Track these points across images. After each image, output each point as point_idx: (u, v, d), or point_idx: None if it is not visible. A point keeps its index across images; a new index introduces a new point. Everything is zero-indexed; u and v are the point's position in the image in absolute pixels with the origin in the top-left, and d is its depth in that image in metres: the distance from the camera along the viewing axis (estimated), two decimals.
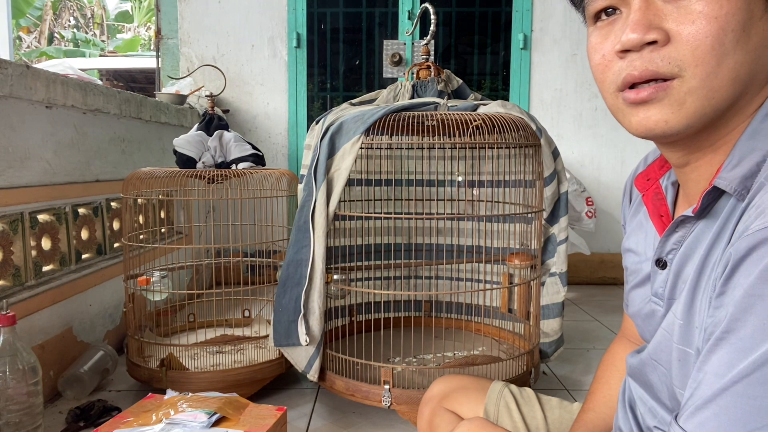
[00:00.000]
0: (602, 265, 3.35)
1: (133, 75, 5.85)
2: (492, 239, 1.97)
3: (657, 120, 0.53)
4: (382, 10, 3.52)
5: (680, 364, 0.56)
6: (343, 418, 1.61)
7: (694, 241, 0.56)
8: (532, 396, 0.97)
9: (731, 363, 0.45)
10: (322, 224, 1.49)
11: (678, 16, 0.50)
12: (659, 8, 0.51)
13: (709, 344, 0.47)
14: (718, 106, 0.52)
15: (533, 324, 1.71)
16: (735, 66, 0.50)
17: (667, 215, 0.64)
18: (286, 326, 1.53)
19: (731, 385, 0.45)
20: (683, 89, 0.51)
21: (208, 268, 2.78)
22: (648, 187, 0.66)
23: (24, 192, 1.61)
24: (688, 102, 0.51)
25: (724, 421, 0.45)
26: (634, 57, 0.53)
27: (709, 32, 0.49)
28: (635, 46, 0.52)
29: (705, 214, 0.55)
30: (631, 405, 0.69)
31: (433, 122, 1.56)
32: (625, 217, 0.76)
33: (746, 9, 0.50)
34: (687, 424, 0.48)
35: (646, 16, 0.52)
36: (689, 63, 0.50)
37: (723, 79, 0.50)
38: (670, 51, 0.51)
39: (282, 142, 3.32)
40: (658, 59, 0.51)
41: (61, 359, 1.72)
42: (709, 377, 0.47)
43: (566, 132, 3.30)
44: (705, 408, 0.47)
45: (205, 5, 3.24)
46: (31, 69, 1.60)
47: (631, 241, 0.71)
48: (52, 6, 9.78)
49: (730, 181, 0.51)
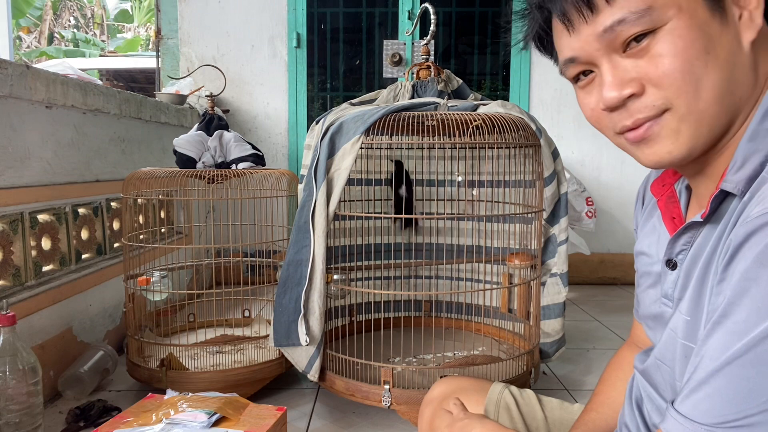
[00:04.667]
0: (602, 265, 3.35)
1: (133, 75, 5.84)
2: (492, 239, 1.97)
3: (662, 153, 0.57)
4: (382, 10, 3.51)
5: (685, 360, 0.56)
6: (343, 418, 1.61)
7: (702, 241, 0.57)
8: (533, 397, 0.97)
9: (726, 345, 0.46)
10: (323, 224, 1.49)
11: (644, 66, 0.54)
12: (625, 65, 0.56)
13: (707, 329, 0.48)
14: (711, 125, 0.55)
15: (533, 324, 1.71)
16: (713, 85, 0.53)
17: (680, 217, 0.65)
18: (287, 326, 1.53)
19: (724, 366, 0.46)
20: (675, 119, 0.55)
21: (208, 268, 2.77)
22: (663, 192, 0.68)
23: (24, 192, 1.61)
24: (683, 129, 0.55)
25: (717, 402, 0.46)
26: (620, 111, 0.57)
27: (676, 68, 0.53)
28: (617, 103, 0.57)
29: (713, 215, 0.57)
30: (638, 403, 0.69)
31: (433, 122, 1.56)
32: (638, 221, 0.78)
33: (702, 36, 0.53)
34: (681, 406, 0.49)
35: (616, 75, 0.56)
36: (671, 97, 0.54)
37: (707, 100, 0.53)
38: (650, 96, 0.55)
39: (282, 142, 3.32)
40: (641, 107, 0.56)
41: (61, 359, 1.72)
42: (705, 361, 0.48)
43: (566, 132, 3.30)
44: (699, 389, 0.48)
45: (205, 5, 3.24)
46: (31, 69, 1.60)
47: (643, 244, 0.72)
48: (52, 6, 9.78)
49: (736, 183, 0.53)
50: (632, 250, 0.76)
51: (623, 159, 3.28)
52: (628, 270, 3.30)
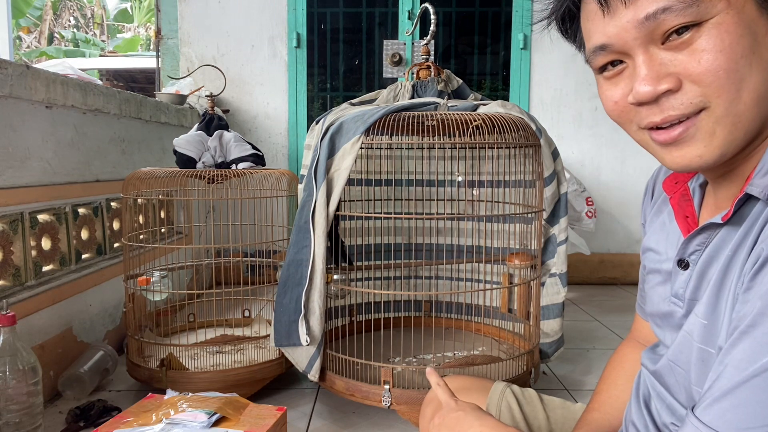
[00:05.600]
0: (602, 265, 3.34)
1: (133, 75, 5.84)
2: (492, 239, 1.97)
3: (692, 157, 0.54)
4: (382, 10, 3.51)
5: (702, 364, 0.56)
6: (343, 418, 1.61)
7: (720, 243, 0.56)
8: (534, 396, 0.97)
9: (753, 357, 0.45)
10: (323, 224, 1.49)
11: (684, 60, 0.51)
12: (663, 58, 0.52)
13: (733, 338, 0.47)
14: (747, 129, 0.52)
15: (533, 324, 1.71)
16: (755, 87, 0.51)
17: (693, 216, 0.64)
18: (287, 326, 1.53)
19: (751, 378, 0.45)
20: (711, 120, 0.52)
21: (208, 268, 2.78)
22: (676, 190, 0.67)
23: (24, 192, 1.61)
24: (718, 131, 0.52)
25: (743, 413, 0.45)
26: (651, 107, 0.54)
27: (720, 65, 0.50)
28: (650, 99, 0.53)
29: (733, 218, 0.56)
30: (646, 400, 0.68)
31: (433, 122, 1.56)
32: (645, 215, 0.76)
33: (749, 33, 0.50)
34: (704, 415, 0.48)
35: (653, 68, 0.52)
36: (711, 95, 0.51)
37: (746, 103, 0.51)
38: (687, 93, 0.52)
39: (282, 142, 3.32)
40: (676, 104, 0.52)
41: (61, 359, 1.72)
42: (730, 369, 0.47)
43: (566, 132, 3.30)
44: (723, 399, 0.47)
45: (205, 5, 3.24)
46: (31, 69, 1.60)
47: (652, 241, 0.71)
48: (52, 6, 9.78)
49: (763, 188, 0.51)
50: (632, 250, 0.76)
51: (623, 159, 3.28)
52: (628, 270, 3.31)
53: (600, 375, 0.87)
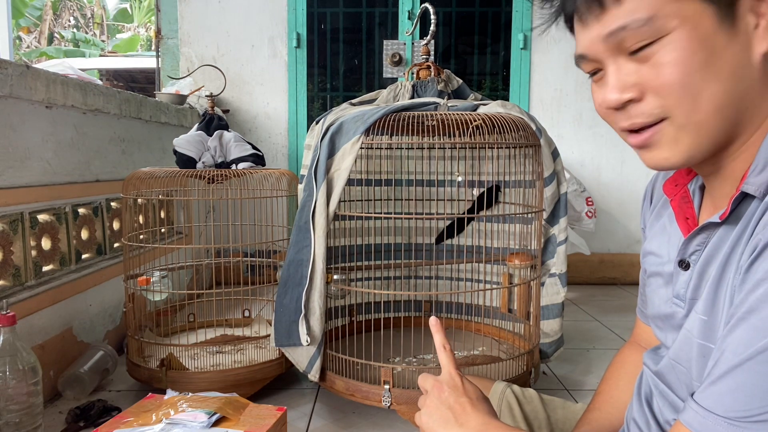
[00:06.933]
0: (602, 265, 3.34)
1: (133, 75, 5.84)
2: (492, 239, 1.97)
3: (659, 159, 0.57)
4: (382, 10, 3.51)
5: (702, 359, 0.57)
6: (343, 418, 1.61)
7: (718, 241, 0.58)
8: (535, 396, 0.97)
9: (750, 341, 0.46)
10: (323, 224, 1.49)
11: (646, 72, 0.55)
12: (629, 69, 0.56)
13: (730, 324, 0.49)
14: (711, 135, 0.55)
15: (533, 324, 1.71)
16: (713, 98, 0.53)
17: (693, 218, 0.65)
18: (287, 326, 1.53)
19: (747, 360, 0.46)
20: (673, 128, 0.55)
21: (208, 268, 2.78)
22: (676, 192, 0.68)
23: (24, 192, 1.61)
24: (681, 138, 0.55)
25: (740, 396, 0.46)
26: (621, 113, 0.58)
27: (676, 79, 0.53)
28: (616, 105, 0.57)
29: (730, 216, 0.57)
30: (648, 398, 0.69)
31: (433, 122, 1.56)
32: (645, 220, 0.77)
33: (703, 48, 0.52)
34: (702, 399, 0.49)
35: (619, 78, 0.56)
36: (670, 106, 0.54)
37: (705, 111, 0.53)
38: (648, 104, 0.55)
39: (282, 142, 3.32)
40: (640, 113, 0.56)
41: (61, 359, 1.72)
42: (727, 354, 0.48)
43: (566, 132, 3.30)
44: (719, 382, 0.48)
45: (205, 5, 3.24)
46: (31, 69, 1.60)
47: (653, 244, 0.72)
48: (52, 6, 9.78)
49: (758, 186, 0.53)
50: (632, 250, 0.76)
51: (623, 159, 3.28)
52: (628, 270, 3.31)
53: (600, 375, 0.87)
